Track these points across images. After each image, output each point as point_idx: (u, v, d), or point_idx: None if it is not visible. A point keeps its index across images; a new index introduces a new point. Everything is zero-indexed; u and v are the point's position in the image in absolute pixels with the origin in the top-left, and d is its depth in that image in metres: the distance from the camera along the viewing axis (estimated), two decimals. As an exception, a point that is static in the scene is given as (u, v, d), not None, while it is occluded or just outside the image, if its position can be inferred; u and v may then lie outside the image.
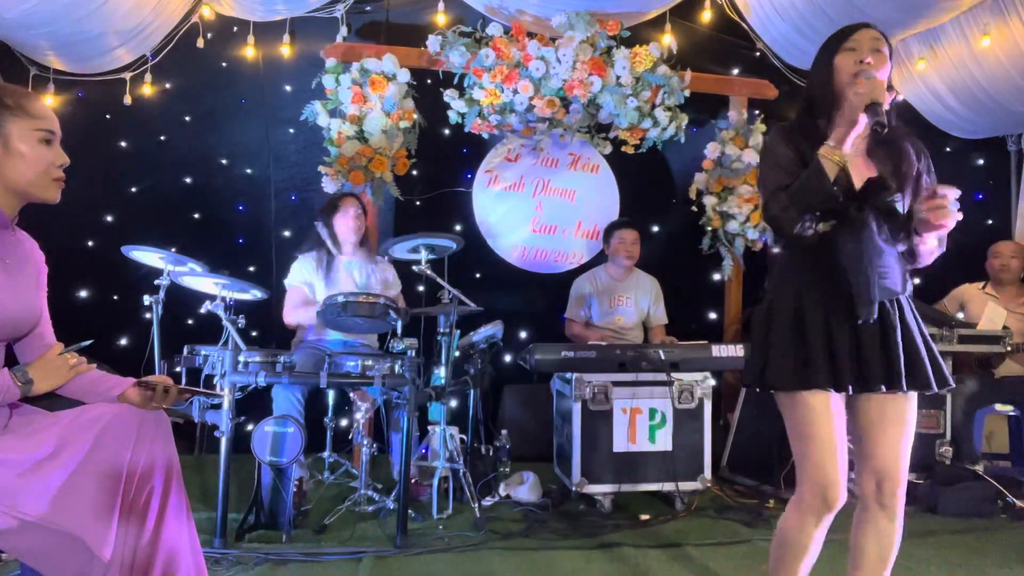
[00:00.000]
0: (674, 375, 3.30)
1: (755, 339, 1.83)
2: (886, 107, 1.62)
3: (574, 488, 3.24)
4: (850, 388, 1.68)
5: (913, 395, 1.74)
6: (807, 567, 1.79)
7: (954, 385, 1.76)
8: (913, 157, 1.74)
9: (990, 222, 5.10)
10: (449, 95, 4.09)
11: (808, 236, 1.70)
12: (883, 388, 1.67)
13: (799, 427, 1.73)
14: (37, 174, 1.56)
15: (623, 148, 4.37)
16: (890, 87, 1.72)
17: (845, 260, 1.68)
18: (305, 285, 3.55)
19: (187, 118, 4.51)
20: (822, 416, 1.69)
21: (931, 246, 1.75)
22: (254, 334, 4.22)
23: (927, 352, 1.72)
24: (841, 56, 1.72)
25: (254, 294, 3.15)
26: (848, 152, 1.65)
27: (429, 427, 3.38)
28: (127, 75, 4.23)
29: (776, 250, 1.87)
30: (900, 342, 1.69)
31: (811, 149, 1.68)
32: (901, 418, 1.73)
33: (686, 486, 3.28)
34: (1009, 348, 3.62)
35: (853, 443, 1.79)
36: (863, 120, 1.62)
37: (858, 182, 1.68)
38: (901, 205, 1.72)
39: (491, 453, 3.57)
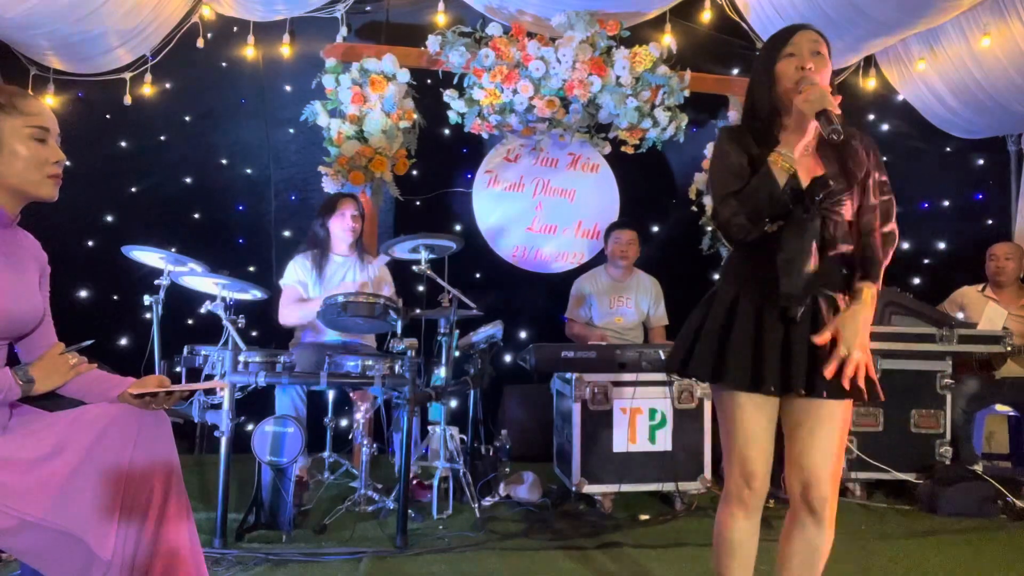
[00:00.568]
0: (674, 375, 3.30)
1: (688, 325, 1.82)
2: (836, 112, 1.59)
3: (574, 488, 3.23)
4: (772, 389, 1.65)
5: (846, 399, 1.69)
6: (746, 567, 1.78)
7: (882, 399, 1.71)
8: (862, 155, 1.73)
9: (990, 222, 5.09)
10: (449, 95, 4.09)
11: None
12: (803, 392, 1.64)
13: (726, 420, 1.75)
14: (31, 171, 1.55)
15: (623, 148, 4.37)
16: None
17: (782, 255, 1.66)
18: (299, 284, 3.55)
19: (187, 118, 4.51)
20: (747, 411, 1.70)
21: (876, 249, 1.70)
22: (254, 334, 4.22)
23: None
24: (782, 63, 1.70)
25: (254, 294, 3.15)
26: (797, 156, 1.65)
27: (429, 427, 3.38)
28: (127, 75, 4.23)
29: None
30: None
31: (761, 153, 1.68)
32: (830, 421, 1.68)
33: (686, 486, 3.28)
34: (1009, 348, 3.62)
35: (785, 444, 1.76)
36: (812, 128, 1.62)
37: (806, 181, 1.67)
38: (849, 204, 1.70)
39: (491, 453, 3.57)
